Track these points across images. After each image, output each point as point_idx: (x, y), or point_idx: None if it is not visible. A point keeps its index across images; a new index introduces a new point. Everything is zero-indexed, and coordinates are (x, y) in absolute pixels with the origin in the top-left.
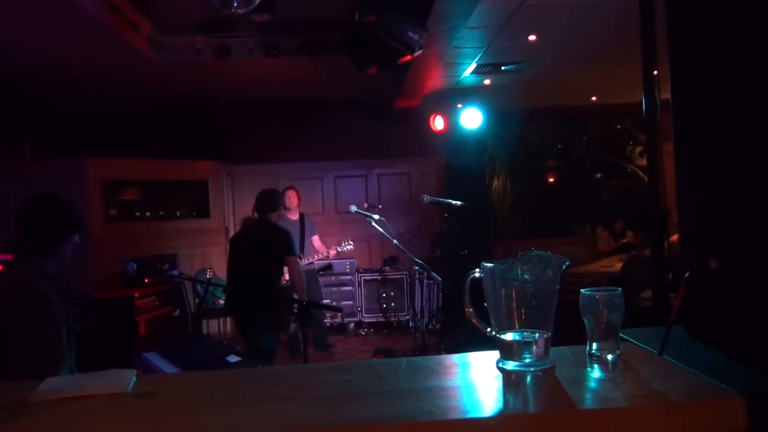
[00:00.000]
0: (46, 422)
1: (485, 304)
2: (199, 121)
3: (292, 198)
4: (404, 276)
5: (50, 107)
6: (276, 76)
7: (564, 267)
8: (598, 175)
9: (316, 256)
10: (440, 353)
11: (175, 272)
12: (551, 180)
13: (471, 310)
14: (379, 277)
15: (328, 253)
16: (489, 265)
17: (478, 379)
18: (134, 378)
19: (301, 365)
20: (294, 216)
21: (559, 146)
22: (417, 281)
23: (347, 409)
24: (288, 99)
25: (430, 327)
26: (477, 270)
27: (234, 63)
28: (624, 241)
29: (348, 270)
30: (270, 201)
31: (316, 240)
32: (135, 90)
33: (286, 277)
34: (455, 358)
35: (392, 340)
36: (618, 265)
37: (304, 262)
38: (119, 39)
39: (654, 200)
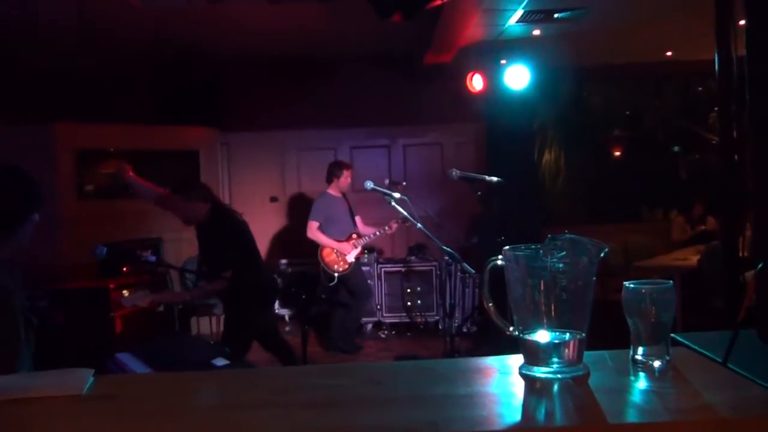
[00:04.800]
0: None
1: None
2: (189, 81)
3: (348, 178)
4: (433, 268)
5: (15, 64)
6: (281, 26)
7: (602, 254)
8: (675, 149)
9: (371, 236)
10: None
11: (152, 258)
12: (616, 153)
13: (491, 305)
14: (403, 269)
15: (376, 234)
16: (512, 251)
17: (496, 386)
18: (91, 378)
19: (289, 367)
20: (337, 192)
21: (626, 112)
22: (448, 274)
23: (332, 418)
24: (295, 54)
25: (463, 330)
26: (499, 257)
27: (231, 10)
28: (703, 228)
29: (366, 260)
30: None
31: (359, 221)
32: (116, 44)
33: (341, 259)
34: (471, 362)
35: (418, 344)
36: (695, 258)
37: (357, 250)
38: None
39: (727, 178)
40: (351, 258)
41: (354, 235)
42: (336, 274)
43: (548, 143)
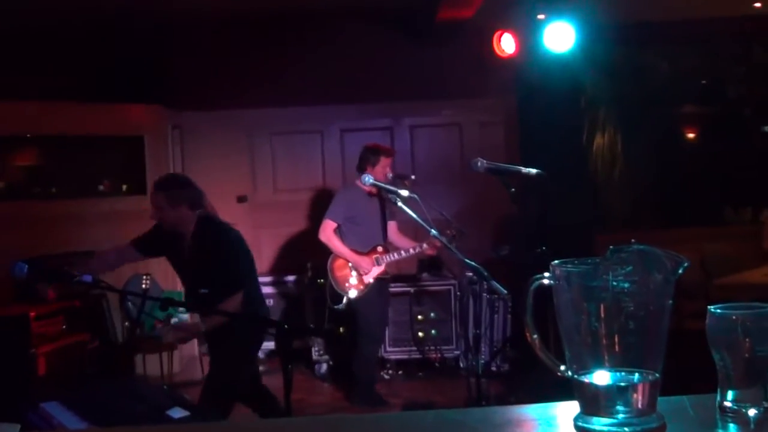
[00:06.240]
0: None
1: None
2: (130, 46)
3: (386, 168)
4: (452, 287)
5: None
6: None
7: (681, 270)
8: (766, 129)
9: (401, 254)
10: None
11: (88, 278)
12: (689, 136)
13: (536, 336)
14: (412, 289)
15: (409, 251)
16: (562, 266)
17: None
18: None
19: (270, 420)
20: (371, 187)
21: (703, 82)
22: (472, 296)
23: None
24: (267, 8)
25: (492, 369)
26: (545, 274)
27: None
28: None
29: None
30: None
31: (394, 228)
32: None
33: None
34: (507, 412)
35: (433, 388)
36: None
37: (380, 269)
38: None
39: None
40: (369, 278)
41: (379, 248)
42: (345, 296)
43: (600, 124)
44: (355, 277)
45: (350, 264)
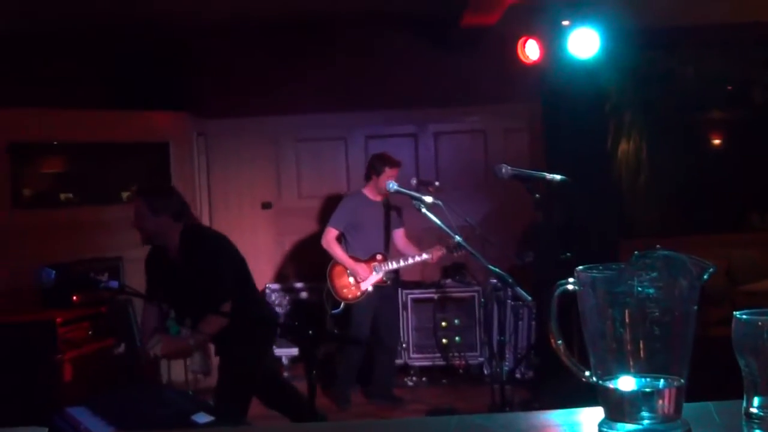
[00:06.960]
0: None
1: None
2: (155, 54)
3: (391, 179)
4: (476, 294)
5: None
6: None
7: (707, 275)
8: None
9: (399, 262)
10: None
11: (114, 284)
12: (715, 142)
13: (560, 342)
14: (436, 296)
15: (408, 260)
16: (587, 271)
17: None
18: None
19: (296, 425)
20: (374, 194)
21: (728, 87)
22: (496, 302)
23: None
24: (292, 14)
25: (516, 375)
26: (569, 280)
27: None
28: None
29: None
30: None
31: (401, 236)
32: (57, 4)
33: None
34: (532, 417)
35: (456, 394)
36: None
37: (377, 277)
38: None
39: None
40: (366, 285)
41: (378, 256)
42: (343, 302)
43: (625, 130)
44: (352, 284)
45: (348, 271)
